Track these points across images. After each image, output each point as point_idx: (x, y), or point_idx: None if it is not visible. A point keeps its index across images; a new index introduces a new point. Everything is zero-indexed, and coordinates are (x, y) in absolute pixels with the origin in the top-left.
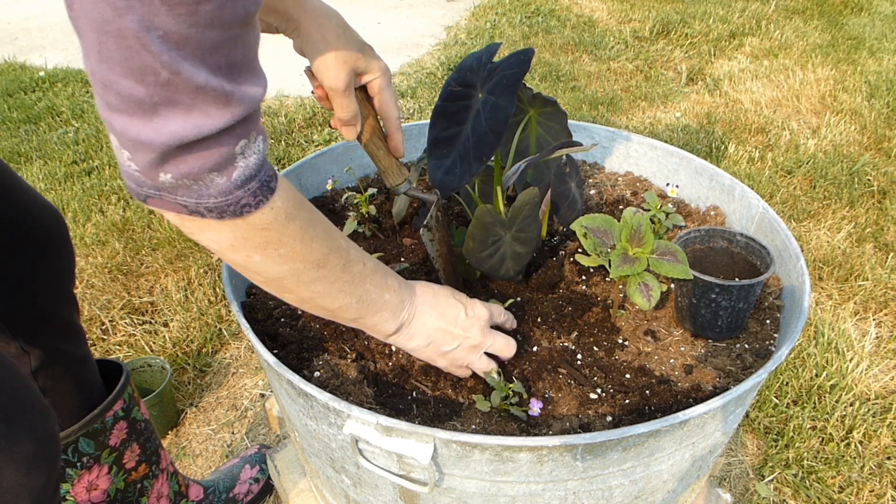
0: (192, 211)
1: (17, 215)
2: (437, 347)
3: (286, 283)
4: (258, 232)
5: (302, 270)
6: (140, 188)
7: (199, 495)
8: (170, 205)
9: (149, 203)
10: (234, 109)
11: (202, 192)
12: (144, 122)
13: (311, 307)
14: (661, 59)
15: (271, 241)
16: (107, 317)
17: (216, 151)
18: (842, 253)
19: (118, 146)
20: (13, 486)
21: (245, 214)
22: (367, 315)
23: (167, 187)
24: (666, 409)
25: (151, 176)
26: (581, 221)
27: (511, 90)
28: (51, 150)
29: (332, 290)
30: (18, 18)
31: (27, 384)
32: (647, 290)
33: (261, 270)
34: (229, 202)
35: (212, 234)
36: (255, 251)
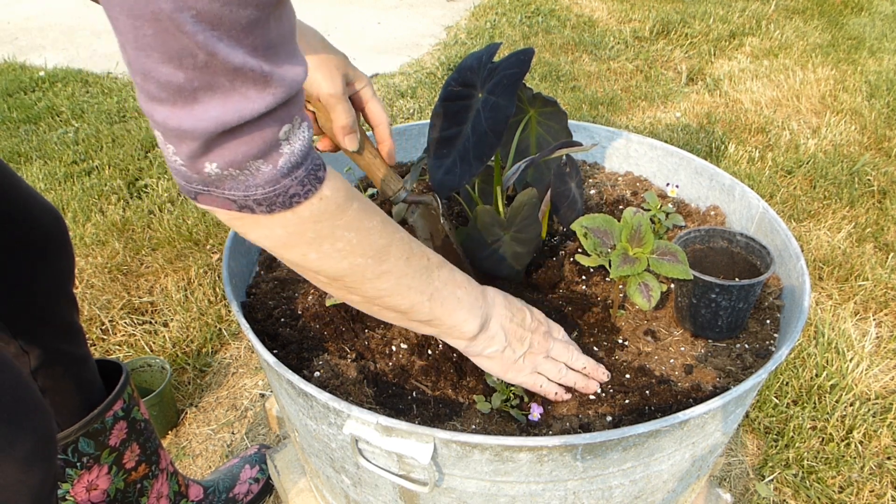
0: (242, 206)
1: (17, 215)
2: (513, 352)
3: (349, 281)
4: (310, 225)
5: (364, 266)
6: (189, 184)
7: (199, 495)
8: (219, 200)
9: (199, 201)
10: (275, 91)
11: (249, 182)
12: (186, 110)
13: (381, 309)
14: (661, 59)
15: (325, 236)
16: (107, 317)
17: (259, 137)
18: (842, 253)
19: (163, 141)
20: (12, 484)
21: (294, 206)
22: (443, 315)
23: (213, 180)
24: (666, 409)
25: (197, 168)
26: (581, 221)
27: (511, 90)
28: (51, 150)
29: (400, 286)
30: (18, 18)
31: (26, 383)
32: (647, 291)
33: (320, 269)
34: (277, 192)
35: (263, 231)
36: (309, 248)
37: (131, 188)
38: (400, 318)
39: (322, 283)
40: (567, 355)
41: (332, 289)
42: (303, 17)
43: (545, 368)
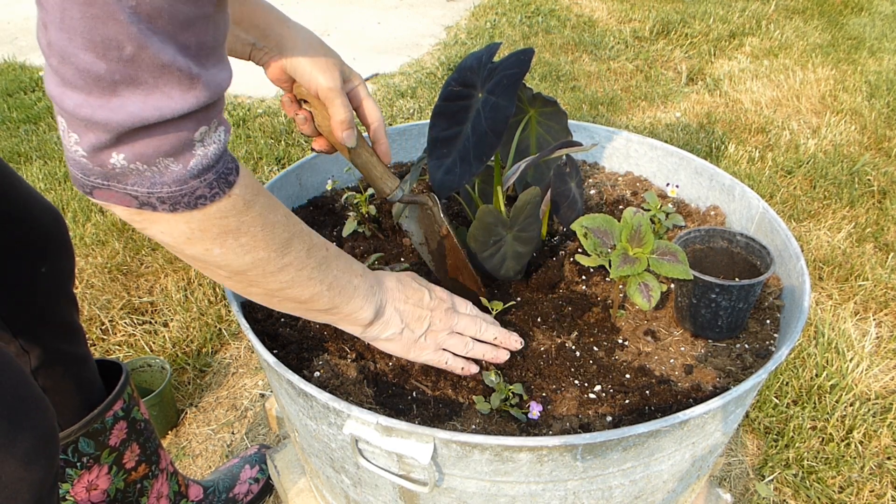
0: (144, 203)
1: (17, 215)
2: (412, 332)
3: (252, 275)
4: (215, 221)
5: (266, 260)
6: (86, 177)
7: (199, 495)
8: (118, 196)
9: (95, 196)
10: (199, 94)
11: (155, 179)
12: (101, 101)
13: (281, 301)
14: (661, 59)
15: (230, 231)
16: (107, 317)
17: (174, 135)
18: (842, 253)
19: (66, 129)
20: (13, 481)
21: (199, 207)
22: (341, 303)
23: (117, 173)
24: (666, 409)
25: (101, 160)
26: (581, 221)
27: (511, 90)
28: (51, 150)
29: (301, 277)
30: (18, 18)
31: (28, 381)
32: (647, 291)
33: (223, 264)
34: (183, 192)
35: (164, 226)
36: (213, 243)
37: None
38: (299, 308)
39: (221, 278)
40: (474, 328)
41: (231, 283)
42: (303, 17)
43: (450, 344)
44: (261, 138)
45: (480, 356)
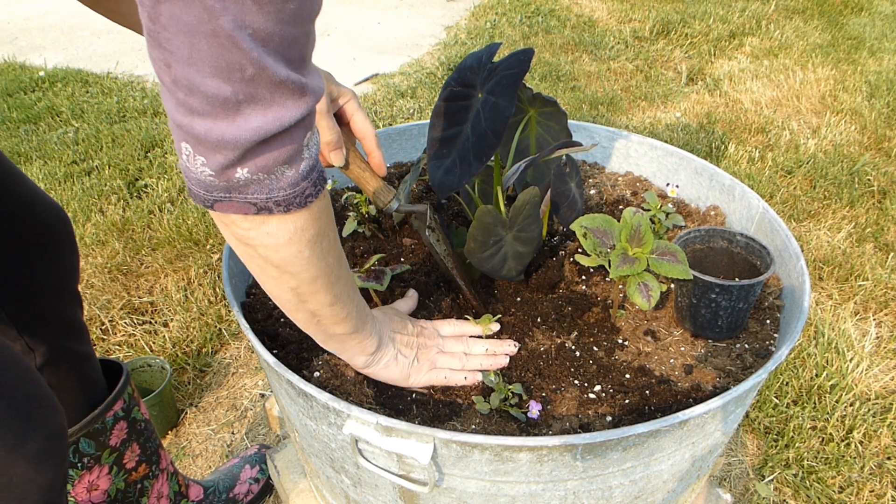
0: (261, 208)
1: (23, 213)
2: (405, 357)
3: (318, 285)
4: (313, 221)
5: (333, 266)
6: (209, 193)
7: (199, 495)
8: (238, 205)
9: (215, 208)
10: (308, 100)
11: (273, 185)
12: (228, 121)
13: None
14: (661, 59)
15: (320, 232)
16: (107, 317)
17: (289, 144)
18: (842, 253)
19: (191, 153)
20: (23, 482)
21: (308, 205)
22: (361, 327)
23: (240, 185)
24: (666, 409)
25: (226, 176)
26: (581, 221)
27: (511, 90)
28: (51, 150)
29: (346, 292)
30: (18, 18)
31: (38, 380)
32: (646, 291)
33: (304, 268)
34: (296, 193)
35: (272, 227)
36: (306, 246)
37: (131, 188)
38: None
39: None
40: (461, 346)
41: (291, 295)
42: None
43: (443, 362)
44: None
45: (478, 367)
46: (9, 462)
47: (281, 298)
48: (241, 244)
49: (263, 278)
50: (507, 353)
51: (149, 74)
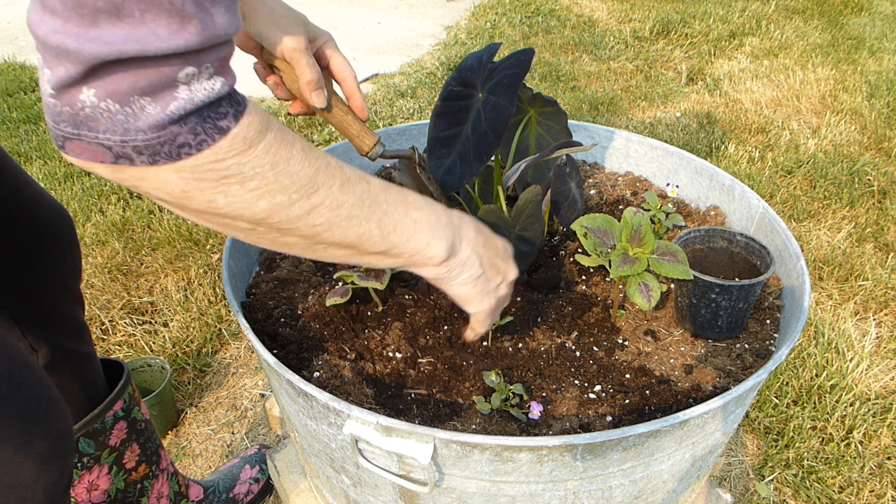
0: (119, 155)
1: (28, 213)
2: (487, 281)
3: (275, 222)
4: (210, 167)
5: (288, 203)
6: (57, 125)
7: (199, 495)
8: (91, 148)
9: (67, 150)
10: (189, 36)
11: (129, 124)
12: (78, 29)
13: (326, 248)
14: (661, 59)
15: (232, 175)
16: (107, 317)
17: (153, 72)
18: (842, 253)
19: (41, 65)
20: (30, 482)
21: (184, 157)
22: (401, 241)
23: (87, 116)
24: (666, 409)
25: (70, 98)
26: (581, 221)
27: (511, 90)
28: (51, 150)
29: (339, 217)
30: (18, 18)
31: (45, 381)
32: (647, 291)
33: (235, 214)
34: (163, 140)
35: (154, 181)
36: (214, 192)
37: None
38: (352, 254)
39: (244, 232)
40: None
41: (257, 236)
42: None
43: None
44: None
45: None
46: (17, 462)
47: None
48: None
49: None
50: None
51: None
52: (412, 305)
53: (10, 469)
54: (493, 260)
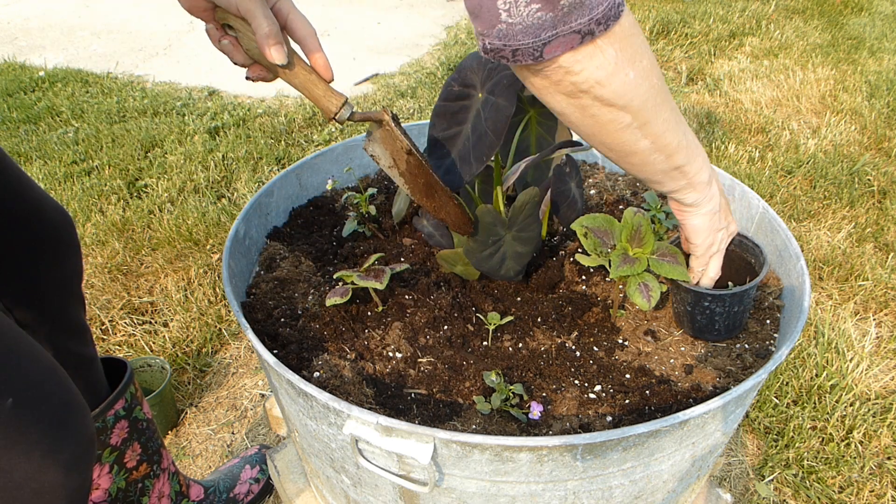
0: (585, 33)
1: (30, 216)
2: (718, 221)
3: (649, 108)
4: (628, 40)
5: (657, 89)
6: (537, 38)
7: (200, 495)
8: (566, 40)
9: (545, 53)
10: None
11: (592, 2)
12: None
13: (655, 156)
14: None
15: (637, 51)
16: (107, 317)
17: None
18: (842, 253)
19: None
20: (53, 488)
21: (620, 15)
22: (692, 159)
23: (565, 14)
24: (666, 409)
25: (552, 2)
26: (581, 221)
27: (511, 90)
28: (51, 150)
29: (672, 120)
30: (18, 18)
31: (72, 387)
32: (646, 291)
33: (634, 95)
34: (609, 6)
35: (599, 59)
36: (630, 66)
37: (131, 188)
38: (662, 163)
39: (621, 128)
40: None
41: (627, 133)
42: None
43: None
44: (261, 138)
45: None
46: (43, 467)
47: (620, 145)
48: (574, 99)
49: (598, 130)
50: None
51: (149, 74)
52: (412, 305)
53: (38, 474)
54: (724, 204)
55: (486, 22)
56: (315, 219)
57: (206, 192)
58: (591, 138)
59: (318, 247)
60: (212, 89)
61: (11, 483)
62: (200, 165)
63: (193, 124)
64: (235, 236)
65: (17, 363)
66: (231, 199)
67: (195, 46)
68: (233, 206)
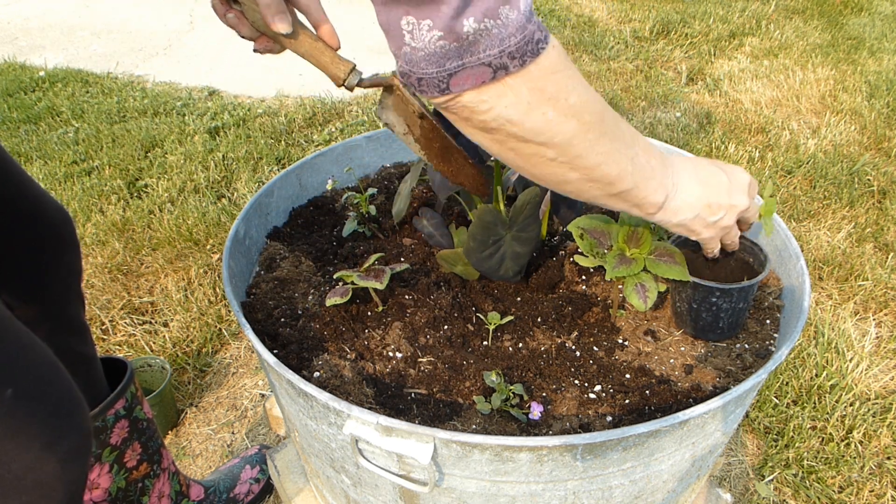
0: (497, 67)
1: (32, 214)
2: (704, 219)
3: (576, 146)
4: (549, 77)
5: (589, 125)
6: (442, 67)
7: (200, 495)
8: (474, 71)
9: (451, 86)
10: None
11: (502, 32)
12: None
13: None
14: (661, 59)
15: (561, 88)
16: (107, 317)
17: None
18: (842, 253)
19: (415, 25)
20: (51, 480)
21: (540, 52)
22: (640, 182)
23: (470, 42)
24: (666, 409)
25: (456, 32)
26: (578, 222)
27: None
28: (51, 150)
29: (614, 150)
30: (18, 18)
31: (71, 382)
32: (643, 291)
33: (555, 133)
34: (525, 39)
35: (510, 98)
36: (549, 105)
37: (131, 188)
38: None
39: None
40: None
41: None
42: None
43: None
44: (261, 138)
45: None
46: (42, 460)
47: (546, 177)
48: (489, 134)
49: (522, 163)
50: None
51: (149, 74)
52: (412, 305)
53: (36, 466)
54: (710, 200)
55: (395, 42)
56: (315, 219)
57: (206, 192)
58: (518, 170)
59: (318, 247)
60: (212, 89)
61: (10, 474)
62: (200, 165)
63: (193, 124)
64: (235, 236)
65: (17, 355)
66: (231, 199)
67: (195, 46)
68: (233, 206)
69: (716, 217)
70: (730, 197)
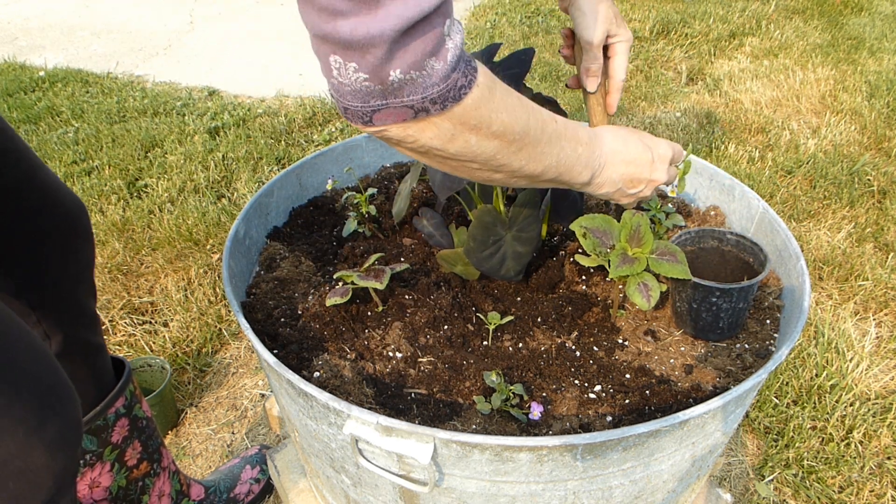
0: (419, 110)
1: (46, 203)
2: (624, 191)
3: (499, 159)
4: (472, 113)
5: (511, 141)
6: (366, 104)
7: (201, 495)
8: (396, 112)
9: (374, 120)
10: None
11: (426, 82)
12: (371, 15)
13: (515, 180)
14: (661, 59)
15: (483, 119)
16: (107, 317)
17: (431, 33)
18: (842, 253)
19: (342, 63)
20: (38, 467)
21: (462, 97)
22: (565, 172)
23: (395, 88)
24: (666, 409)
25: (381, 78)
26: (580, 221)
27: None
28: (51, 150)
29: (536, 154)
30: (18, 18)
31: (58, 368)
32: (646, 291)
33: (477, 153)
34: (448, 87)
35: (433, 131)
36: (471, 133)
37: (131, 188)
38: (529, 182)
39: (472, 171)
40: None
41: (480, 173)
42: None
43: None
44: (261, 138)
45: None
46: (28, 446)
47: (474, 179)
48: (418, 154)
49: (450, 171)
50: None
51: (149, 74)
52: (412, 305)
53: (21, 453)
54: (632, 175)
55: (324, 70)
56: (315, 219)
57: (206, 192)
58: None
59: (318, 247)
60: (212, 89)
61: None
62: (200, 165)
63: (193, 124)
64: (235, 236)
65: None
66: (231, 199)
67: (195, 46)
68: (233, 206)
69: (636, 190)
70: (651, 173)
